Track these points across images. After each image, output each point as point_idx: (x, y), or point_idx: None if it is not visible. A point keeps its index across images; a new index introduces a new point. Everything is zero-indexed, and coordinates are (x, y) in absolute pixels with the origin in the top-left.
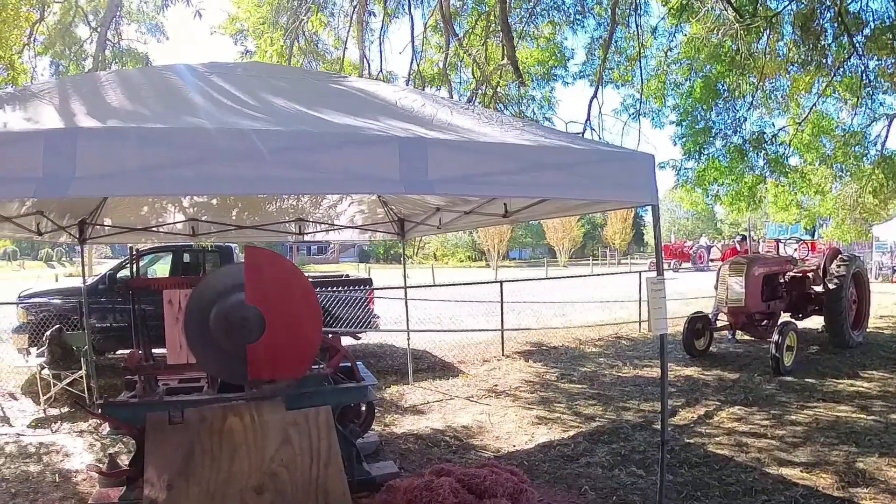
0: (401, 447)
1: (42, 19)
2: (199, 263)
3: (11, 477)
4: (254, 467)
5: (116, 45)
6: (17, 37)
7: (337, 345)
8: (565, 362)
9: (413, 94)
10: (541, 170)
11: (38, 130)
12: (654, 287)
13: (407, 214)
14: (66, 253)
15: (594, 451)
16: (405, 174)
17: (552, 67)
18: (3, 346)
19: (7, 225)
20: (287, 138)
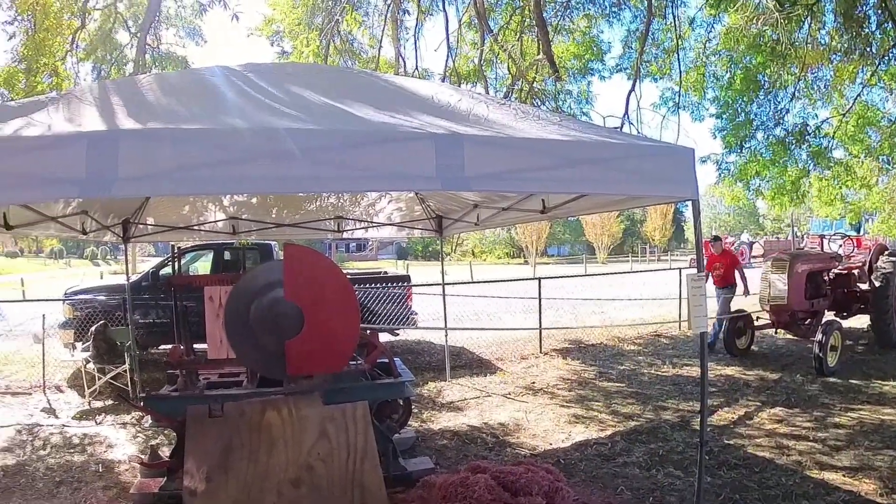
0: (437, 443)
1: (83, 26)
2: (239, 261)
3: (56, 466)
4: (291, 461)
5: (156, 49)
6: (60, 44)
7: (375, 341)
8: (604, 360)
9: (449, 90)
10: (578, 165)
11: (81, 133)
12: (694, 284)
13: (445, 211)
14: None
15: (631, 450)
16: (442, 171)
17: (588, 61)
18: (50, 342)
19: (53, 224)
20: (323, 137)
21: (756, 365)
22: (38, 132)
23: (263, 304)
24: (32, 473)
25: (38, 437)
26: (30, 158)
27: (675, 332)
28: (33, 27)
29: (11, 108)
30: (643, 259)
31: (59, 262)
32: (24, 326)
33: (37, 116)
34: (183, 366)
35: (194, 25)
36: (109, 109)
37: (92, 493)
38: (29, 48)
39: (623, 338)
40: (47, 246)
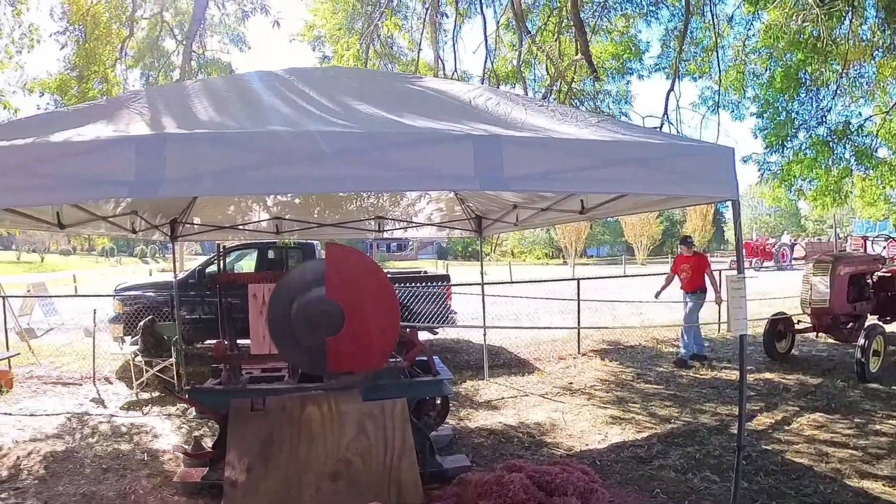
0: (474, 441)
1: (131, 35)
2: (282, 260)
3: (104, 453)
4: (329, 455)
5: (201, 56)
6: (110, 52)
7: (414, 339)
8: (642, 362)
9: (487, 92)
10: (617, 165)
11: (130, 136)
12: (734, 286)
13: (484, 212)
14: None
15: (668, 453)
16: (480, 171)
17: (626, 61)
18: (100, 335)
19: (104, 224)
20: (363, 139)
21: (796, 369)
22: (90, 136)
23: (305, 302)
24: (80, 460)
25: (88, 426)
26: (82, 161)
27: (714, 335)
28: (84, 36)
29: (64, 114)
30: None
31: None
32: (76, 320)
33: (88, 121)
34: (227, 360)
35: (238, 32)
36: (157, 114)
37: (137, 481)
38: (80, 56)
39: (661, 339)
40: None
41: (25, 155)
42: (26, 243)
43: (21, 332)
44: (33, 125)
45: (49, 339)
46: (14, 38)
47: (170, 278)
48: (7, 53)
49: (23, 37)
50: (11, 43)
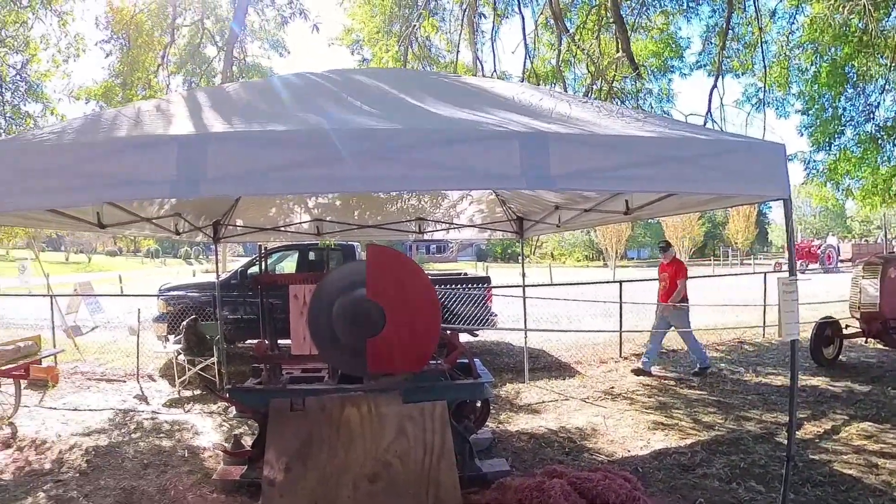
0: (514, 445)
1: (173, 42)
2: (322, 261)
3: (146, 449)
4: (368, 456)
5: (242, 61)
6: (152, 59)
7: (455, 341)
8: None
9: (530, 89)
10: (665, 163)
11: (171, 136)
12: (785, 289)
13: (526, 213)
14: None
15: (712, 461)
16: (526, 169)
17: (667, 59)
18: (144, 334)
19: (148, 225)
20: (407, 136)
21: (844, 376)
22: (132, 135)
23: (346, 303)
24: (122, 455)
25: (130, 422)
26: (124, 160)
27: (759, 339)
28: (127, 44)
29: (106, 114)
30: (725, 263)
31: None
32: (121, 319)
33: (130, 122)
34: (267, 360)
35: (277, 38)
36: (198, 114)
37: (177, 477)
38: (124, 63)
39: (705, 344)
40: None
41: (69, 156)
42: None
43: (67, 330)
44: (76, 127)
45: (94, 337)
46: (61, 48)
47: (212, 279)
48: (54, 63)
49: (69, 46)
50: (58, 52)
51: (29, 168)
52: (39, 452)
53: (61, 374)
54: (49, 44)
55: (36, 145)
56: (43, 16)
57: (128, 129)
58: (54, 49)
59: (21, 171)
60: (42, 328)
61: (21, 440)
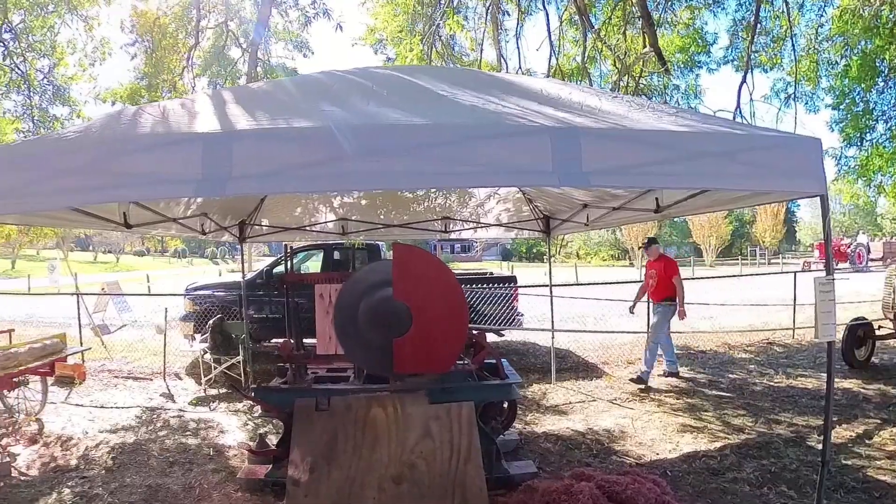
0: (540, 447)
1: (197, 44)
2: (347, 260)
3: (171, 447)
4: (394, 457)
5: (267, 62)
6: (177, 61)
7: (482, 341)
8: (713, 368)
9: (558, 83)
10: (700, 158)
11: (196, 134)
12: (822, 288)
13: (552, 212)
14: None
15: (742, 465)
16: (558, 166)
17: (694, 54)
18: (171, 333)
19: (175, 225)
20: (436, 132)
21: (877, 378)
22: (156, 133)
23: (372, 303)
24: (148, 452)
25: (157, 420)
26: (148, 159)
27: (789, 340)
28: (152, 47)
29: (129, 112)
30: (752, 262)
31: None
32: (148, 318)
33: (154, 120)
34: (293, 360)
35: (301, 38)
36: (223, 113)
37: (202, 475)
38: (149, 66)
39: (733, 345)
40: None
41: (92, 154)
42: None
43: (94, 328)
44: (99, 126)
45: (122, 336)
46: (87, 52)
47: (238, 278)
48: (81, 66)
49: (95, 50)
50: (84, 56)
51: (52, 168)
52: (65, 449)
53: (89, 372)
54: (76, 48)
55: (59, 145)
56: (69, 21)
57: (152, 127)
58: (81, 53)
59: (44, 171)
60: (70, 326)
61: (47, 436)
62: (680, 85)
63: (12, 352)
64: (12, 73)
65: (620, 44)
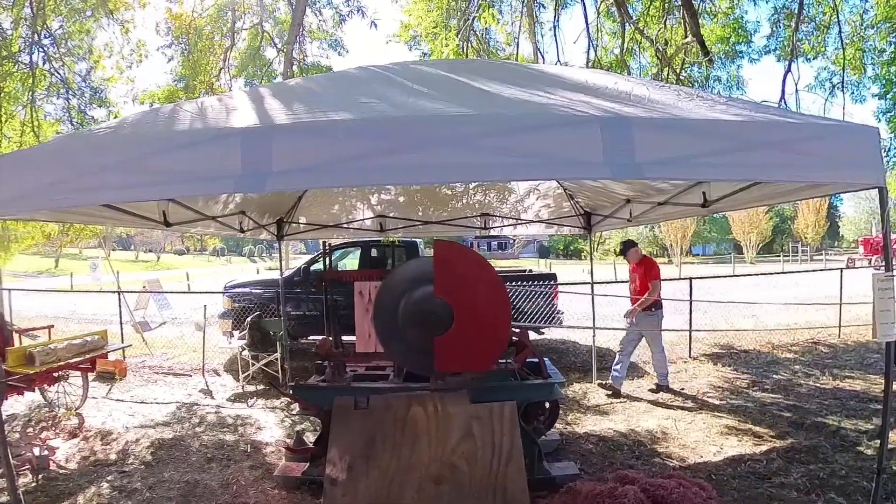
0: (581, 448)
1: (233, 45)
2: (385, 258)
3: (209, 443)
4: (434, 457)
5: (302, 61)
6: (213, 63)
7: (525, 340)
8: (757, 368)
9: (603, 74)
10: (756, 149)
11: (235, 129)
12: (881, 286)
13: (594, 208)
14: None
15: (789, 470)
16: (610, 157)
17: (735, 44)
18: (210, 330)
19: (213, 223)
20: (482, 123)
21: None
22: (193, 129)
23: (413, 300)
24: (187, 448)
25: (195, 415)
26: (186, 155)
27: (834, 340)
28: (189, 49)
29: (165, 110)
30: (794, 259)
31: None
32: (188, 315)
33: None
34: (332, 357)
35: (335, 37)
36: (261, 108)
37: (239, 472)
38: (186, 68)
39: (777, 344)
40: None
41: (129, 151)
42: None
43: (135, 325)
44: (133, 122)
45: (162, 332)
46: (124, 55)
47: (275, 276)
48: (118, 69)
49: (132, 53)
50: (121, 59)
51: (87, 165)
52: (105, 443)
53: (129, 368)
54: (112, 51)
55: (93, 142)
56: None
57: (189, 123)
58: (118, 56)
59: (79, 169)
60: (111, 323)
61: (87, 431)
62: (721, 76)
63: (51, 347)
64: (52, 76)
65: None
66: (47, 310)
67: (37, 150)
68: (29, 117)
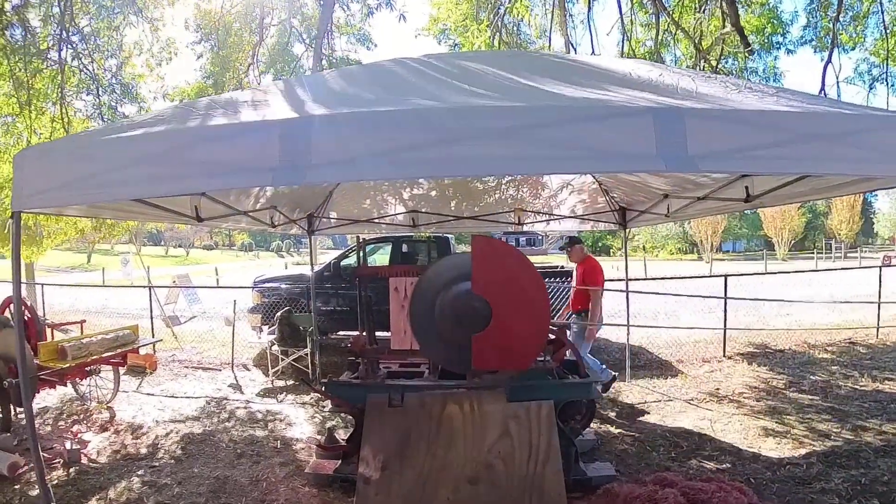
0: (616, 448)
1: (262, 41)
2: (416, 253)
3: (239, 439)
4: (470, 457)
5: (330, 56)
6: (242, 59)
7: (563, 337)
8: (793, 368)
9: (645, 64)
10: (812, 141)
11: (273, 120)
12: None
13: (629, 203)
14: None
15: (829, 475)
16: (663, 149)
17: (770, 35)
18: (239, 324)
19: (245, 218)
20: (528, 114)
21: None
22: (229, 121)
23: (450, 297)
24: (217, 443)
25: (225, 410)
26: (222, 147)
27: (873, 340)
28: (217, 45)
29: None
30: (827, 255)
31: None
32: (217, 310)
33: (225, 108)
34: (366, 354)
35: (364, 32)
36: (297, 99)
37: (269, 468)
38: (215, 64)
39: (813, 344)
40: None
41: (163, 143)
42: (173, 239)
43: (165, 319)
44: (168, 115)
45: (192, 327)
46: (153, 52)
47: (304, 271)
48: (148, 66)
49: (161, 50)
50: (151, 56)
51: (119, 157)
52: (135, 437)
53: (159, 362)
54: (142, 49)
55: (126, 133)
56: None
57: (224, 115)
58: (147, 54)
59: (112, 162)
60: (142, 318)
61: (118, 424)
62: (758, 68)
63: (84, 342)
64: (81, 73)
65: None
66: (80, 304)
67: (65, 142)
68: (59, 113)
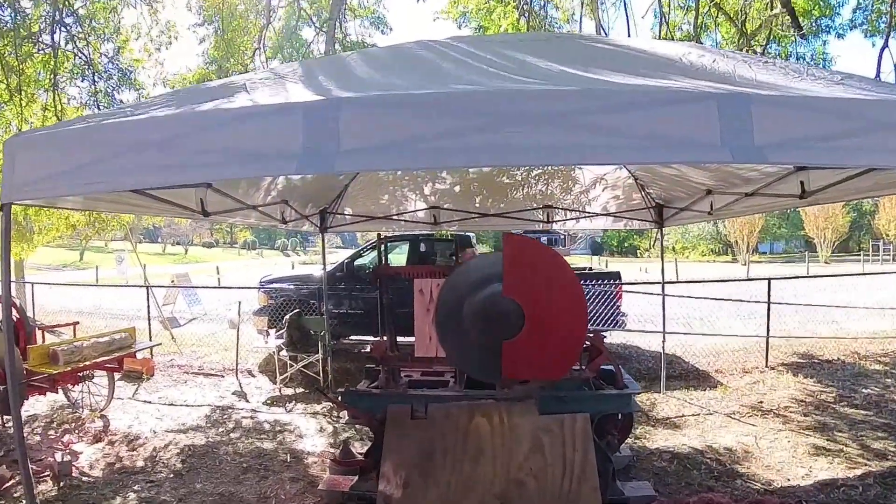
0: (654, 465)
1: (269, 24)
2: (434, 252)
3: (244, 451)
4: (499, 473)
5: (343, 40)
6: (248, 43)
7: (600, 345)
8: (843, 380)
9: (695, 48)
10: (887, 130)
11: (296, 102)
12: None
13: (667, 199)
14: (299, 243)
15: (889, 498)
16: (727, 138)
17: (818, 18)
18: (243, 327)
19: (254, 213)
20: (577, 99)
21: None
22: (245, 104)
23: (479, 300)
24: (220, 456)
25: (229, 420)
26: (238, 132)
27: None
28: (221, 28)
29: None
30: (875, 258)
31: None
32: (219, 311)
33: (240, 90)
34: (388, 361)
35: (378, 14)
36: (317, 82)
37: (279, 484)
38: (218, 49)
39: (864, 354)
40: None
41: (170, 128)
42: (171, 236)
43: (164, 321)
44: (178, 98)
45: (192, 329)
46: (152, 36)
47: (313, 271)
48: (146, 51)
49: (160, 34)
50: (150, 41)
51: (120, 144)
52: (132, 448)
53: (157, 367)
54: (140, 32)
55: (128, 118)
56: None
57: (239, 97)
58: (146, 37)
59: (112, 149)
60: (138, 319)
61: (113, 434)
62: (806, 54)
63: (76, 346)
64: (76, 58)
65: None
66: (72, 304)
67: (58, 129)
68: (51, 101)
